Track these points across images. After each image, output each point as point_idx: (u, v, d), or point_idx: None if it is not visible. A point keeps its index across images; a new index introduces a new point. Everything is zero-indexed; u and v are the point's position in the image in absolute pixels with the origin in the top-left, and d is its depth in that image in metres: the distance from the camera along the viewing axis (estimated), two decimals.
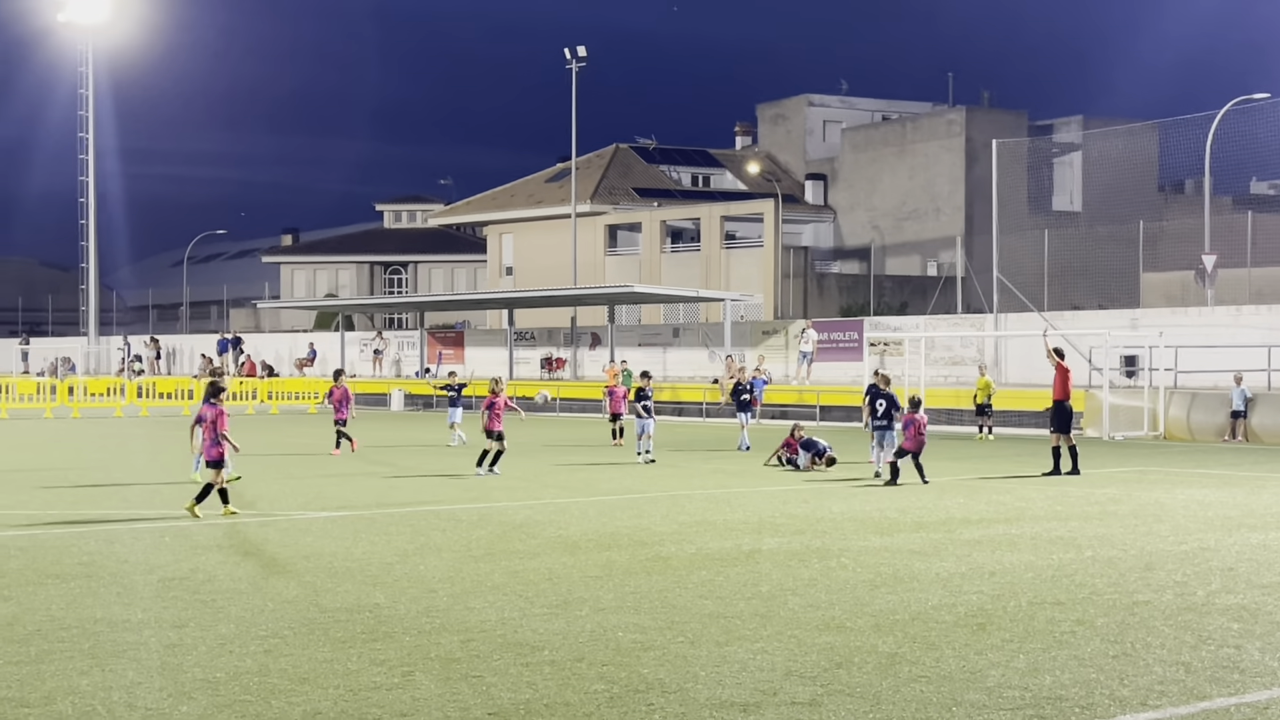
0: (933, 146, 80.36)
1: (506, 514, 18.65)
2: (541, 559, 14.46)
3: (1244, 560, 14.36)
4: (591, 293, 60.37)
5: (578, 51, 67.66)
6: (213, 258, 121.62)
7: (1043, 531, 16.74)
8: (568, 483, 23.60)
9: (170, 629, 10.82)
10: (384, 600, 12.03)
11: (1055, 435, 25.29)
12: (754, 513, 18.80)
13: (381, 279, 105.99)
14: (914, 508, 19.40)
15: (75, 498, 20.91)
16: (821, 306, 71.06)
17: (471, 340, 68.26)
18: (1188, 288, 49.37)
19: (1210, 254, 46.46)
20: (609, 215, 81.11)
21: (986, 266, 50.44)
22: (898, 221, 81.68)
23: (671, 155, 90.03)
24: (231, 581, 13.02)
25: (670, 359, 57.90)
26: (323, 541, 15.86)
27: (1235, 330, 40.46)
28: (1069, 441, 25.16)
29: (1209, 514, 18.67)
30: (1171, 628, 10.83)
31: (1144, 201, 66.48)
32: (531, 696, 8.71)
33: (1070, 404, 25.74)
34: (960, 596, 12.20)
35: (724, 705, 8.48)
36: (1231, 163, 56.98)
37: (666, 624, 10.95)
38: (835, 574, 13.47)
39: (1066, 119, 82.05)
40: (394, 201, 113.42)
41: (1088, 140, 73.99)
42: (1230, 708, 8.43)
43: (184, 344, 79.28)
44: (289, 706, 8.48)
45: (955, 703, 8.53)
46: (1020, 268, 50.65)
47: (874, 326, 51.19)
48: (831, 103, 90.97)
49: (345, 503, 20.09)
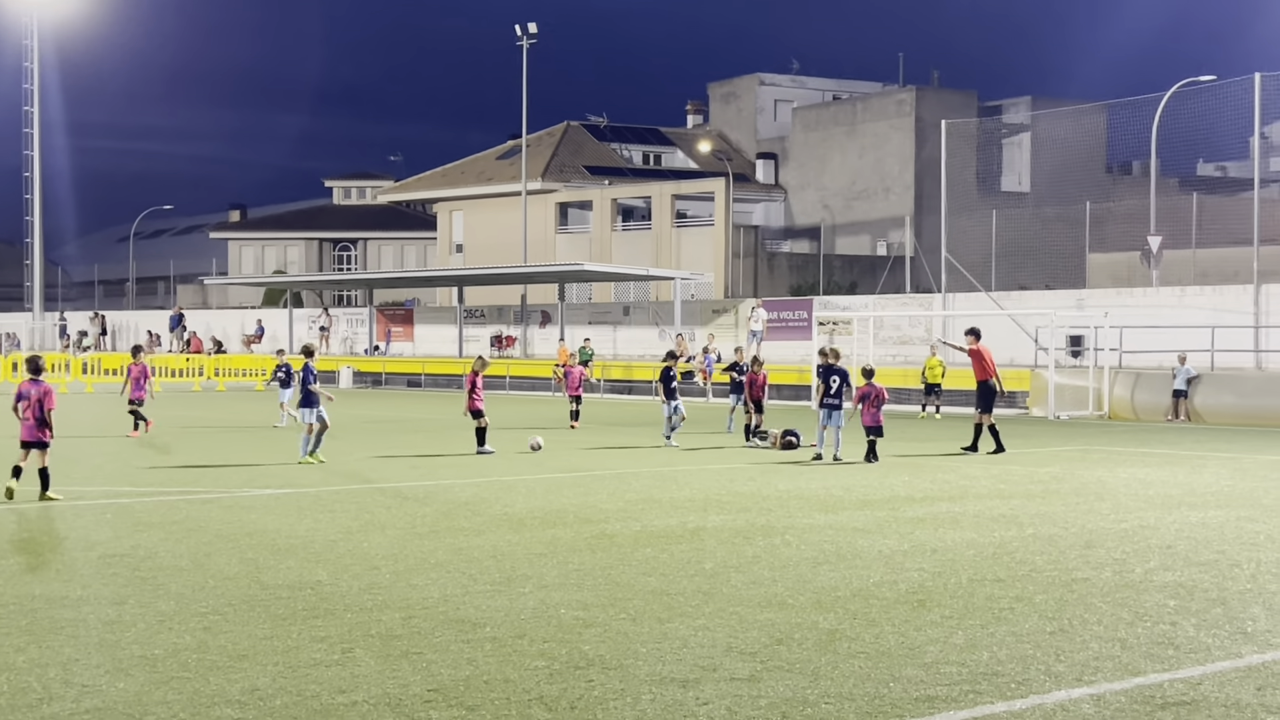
0: (883, 126, 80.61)
1: (452, 491, 18.62)
2: (486, 536, 14.44)
3: (1182, 538, 14.51)
4: (542, 271, 60.31)
5: (529, 28, 67.44)
6: (160, 233, 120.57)
7: (985, 509, 16.86)
8: (515, 460, 23.57)
9: (109, 605, 10.74)
10: (326, 577, 11.99)
11: (981, 414, 25.46)
12: (700, 490, 18.84)
13: (330, 256, 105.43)
14: (859, 485, 19.50)
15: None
16: (772, 285, 71.25)
17: (421, 318, 68.08)
18: (1133, 268, 49.81)
19: (1156, 235, 46.86)
20: (560, 193, 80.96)
21: (935, 246, 50.67)
22: (848, 201, 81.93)
23: (623, 133, 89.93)
24: (173, 558, 12.93)
25: (621, 337, 57.93)
26: (266, 518, 15.79)
27: (1180, 311, 40.85)
28: (989, 420, 25.29)
29: (1150, 492, 18.86)
30: (1109, 604, 10.93)
31: (1091, 182, 66.95)
32: (471, 673, 8.70)
33: (994, 383, 25.77)
34: (901, 574, 12.27)
35: (664, 681, 8.50)
36: (1178, 145, 57.50)
37: (609, 601, 10.96)
38: (779, 551, 13.51)
39: (1015, 100, 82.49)
40: (343, 178, 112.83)
41: (1036, 121, 74.43)
42: (1164, 683, 8.52)
43: (130, 320, 78.65)
44: (227, 683, 8.44)
45: (893, 678, 8.59)
46: (968, 248, 50.90)
47: (823, 306, 51.40)
48: (783, 82, 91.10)
49: (289, 480, 20.00)
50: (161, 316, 74.70)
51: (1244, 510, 16.88)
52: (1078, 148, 68.54)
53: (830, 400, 23.80)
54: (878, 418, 23.35)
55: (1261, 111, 40.64)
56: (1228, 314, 39.80)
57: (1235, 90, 44.59)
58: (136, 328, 75.67)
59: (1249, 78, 40.91)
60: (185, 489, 18.64)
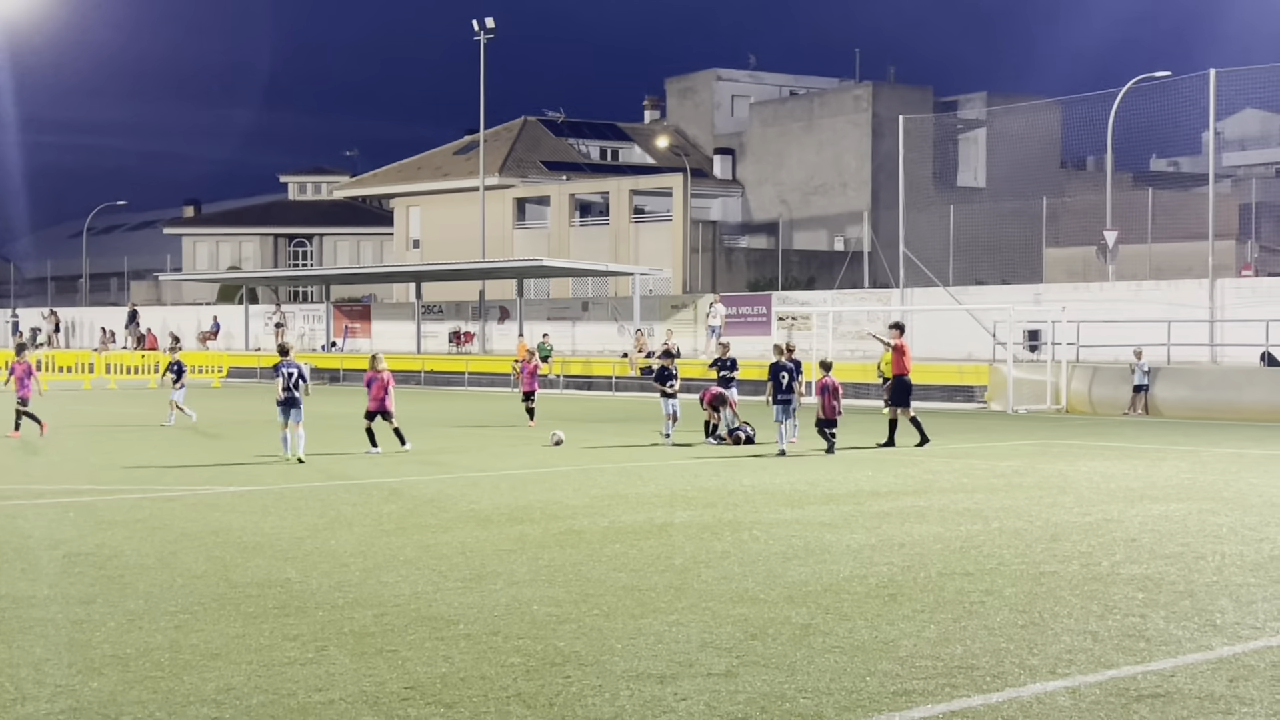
0: (840, 122, 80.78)
1: (417, 488, 18.56)
2: (454, 533, 14.41)
3: (1146, 531, 14.62)
4: (500, 266, 60.12)
5: (485, 23, 67.21)
6: (113, 229, 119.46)
7: (950, 503, 16.95)
8: (478, 457, 23.51)
9: (77, 604, 10.65)
10: (295, 575, 11.93)
11: (892, 409, 25.73)
12: (665, 486, 18.85)
13: (286, 251, 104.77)
14: (823, 480, 19.55)
15: None
16: (730, 281, 71.30)
17: (379, 314, 67.79)
18: (1089, 263, 50.11)
19: (1111, 230, 47.14)
20: (517, 188, 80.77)
21: (893, 241, 50.83)
22: (805, 196, 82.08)
23: (580, 129, 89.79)
24: (139, 557, 12.84)
25: (579, 333, 57.85)
26: (230, 516, 15.69)
27: (1136, 305, 41.12)
28: (908, 414, 25.63)
29: (1112, 486, 18.99)
30: (1078, 597, 11.00)
31: (1047, 178, 67.32)
32: (448, 670, 8.67)
33: (909, 379, 26.20)
34: (871, 568, 12.32)
35: (641, 677, 8.50)
36: (1133, 140, 57.77)
37: (581, 597, 10.96)
38: (748, 546, 13.54)
39: (971, 95, 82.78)
40: (298, 173, 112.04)
41: (992, 117, 74.71)
42: (1137, 675, 8.59)
43: (83, 317, 77.98)
44: (201, 682, 8.38)
45: (869, 672, 8.62)
46: (926, 243, 51.06)
47: (782, 301, 51.48)
48: (740, 77, 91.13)
49: (253, 478, 19.88)
50: (116, 313, 74.05)
51: (1205, 503, 17.02)
52: (1033, 143, 68.89)
53: (784, 395, 24.22)
54: (835, 410, 23.70)
55: (1216, 107, 40.96)
56: (1183, 308, 40.09)
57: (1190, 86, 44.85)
58: (91, 324, 75.03)
59: (1204, 74, 41.19)
60: (147, 487, 18.51)
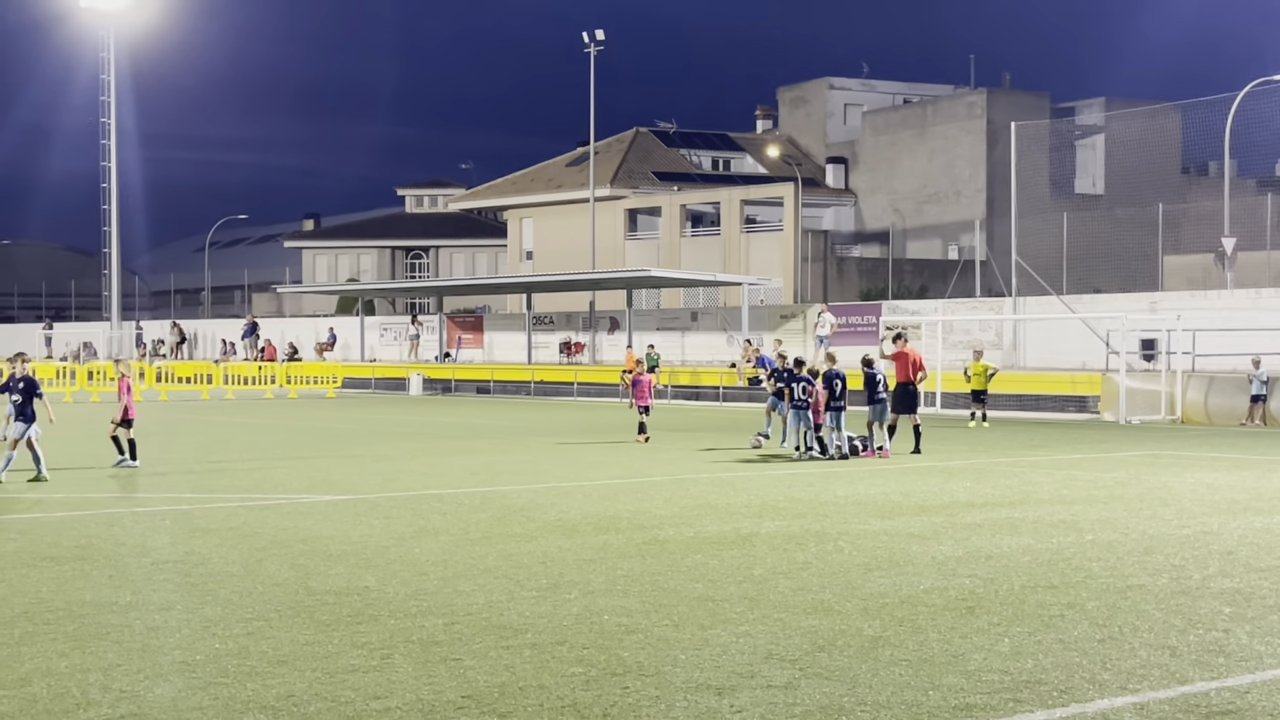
0: (953, 129, 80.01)
1: (509, 498, 18.62)
2: (537, 542, 14.42)
3: (1244, 544, 14.24)
4: (610, 277, 60.30)
5: (596, 35, 67.54)
6: (235, 243, 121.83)
7: (1045, 515, 16.64)
8: (574, 466, 23.55)
9: (156, 611, 10.81)
10: (374, 583, 12.01)
11: (895, 416, 25.92)
12: (757, 496, 18.74)
13: (403, 263, 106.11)
14: (919, 491, 19.31)
15: (81, 481, 20.97)
16: (841, 290, 70.86)
17: (491, 325, 68.29)
18: (1208, 271, 49.07)
19: (1230, 236, 46.11)
20: (628, 199, 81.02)
21: (1006, 250, 50.18)
22: (918, 205, 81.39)
23: (691, 139, 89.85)
24: (224, 564, 13.01)
25: (688, 343, 57.82)
26: (322, 525, 15.86)
27: (1254, 313, 40.18)
28: (912, 420, 25.98)
29: (1216, 497, 18.53)
30: (1162, 611, 10.73)
31: (1166, 184, 66.05)
32: (508, 679, 8.66)
33: (914, 386, 26.54)
34: (952, 580, 12.12)
35: (700, 688, 8.43)
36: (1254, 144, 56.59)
37: (653, 607, 10.90)
38: (830, 557, 13.39)
39: (1089, 101, 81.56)
40: (415, 186, 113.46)
41: (1110, 122, 73.57)
42: (1210, 691, 8.34)
43: (206, 329, 79.53)
44: (263, 689, 8.46)
45: (933, 686, 8.46)
46: (1040, 251, 50.36)
47: (892, 310, 51.04)
48: (852, 86, 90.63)
49: (350, 486, 20.09)
50: (238, 325, 75.39)
51: None
52: (1151, 149, 67.63)
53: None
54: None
55: None
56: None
57: None
58: (213, 337, 76.49)
59: None
60: (246, 495, 18.77)
